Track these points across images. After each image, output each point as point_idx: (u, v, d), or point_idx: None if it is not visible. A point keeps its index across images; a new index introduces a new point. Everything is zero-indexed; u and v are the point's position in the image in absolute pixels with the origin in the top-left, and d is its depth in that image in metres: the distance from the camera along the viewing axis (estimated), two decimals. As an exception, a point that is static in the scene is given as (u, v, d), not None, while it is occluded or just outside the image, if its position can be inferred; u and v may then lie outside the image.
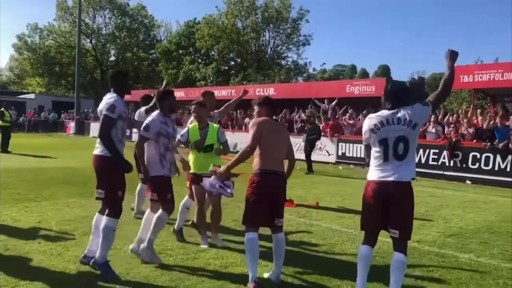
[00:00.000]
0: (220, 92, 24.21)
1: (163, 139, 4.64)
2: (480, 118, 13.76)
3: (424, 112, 3.59)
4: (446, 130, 14.15)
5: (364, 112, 16.59)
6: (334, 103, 18.21)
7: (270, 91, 21.72)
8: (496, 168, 12.24)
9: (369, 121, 3.67)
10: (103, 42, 47.10)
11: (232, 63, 43.03)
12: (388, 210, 3.50)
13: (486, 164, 12.43)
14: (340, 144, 16.20)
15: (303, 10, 38.98)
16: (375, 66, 71.00)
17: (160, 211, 4.61)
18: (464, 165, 12.84)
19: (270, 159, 4.09)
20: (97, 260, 4.15)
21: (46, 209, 6.90)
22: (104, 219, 4.20)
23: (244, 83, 32.99)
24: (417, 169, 12.35)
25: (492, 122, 13.00)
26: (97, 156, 4.25)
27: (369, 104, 16.75)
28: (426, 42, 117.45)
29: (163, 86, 7.09)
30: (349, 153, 15.93)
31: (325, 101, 18.53)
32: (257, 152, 4.12)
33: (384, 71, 67.48)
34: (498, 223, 7.08)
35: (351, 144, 15.86)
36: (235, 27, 39.27)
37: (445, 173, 13.20)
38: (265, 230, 4.25)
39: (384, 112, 3.62)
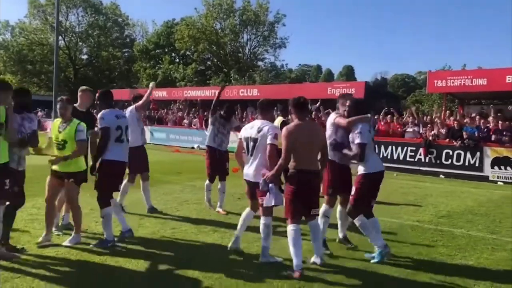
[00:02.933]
0: (204, 93, 25.12)
1: None
2: (452, 119, 15.33)
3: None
4: (421, 130, 15.64)
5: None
6: (318, 104, 19.44)
7: (254, 92, 22.81)
8: (467, 164, 13.77)
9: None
10: (76, 41, 46.81)
11: (208, 63, 43.83)
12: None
13: (458, 160, 13.94)
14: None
15: (279, 14, 40.43)
16: (339, 67, 73.24)
17: None
18: (438, 161, 14.30)
19: (304, 159, 4.57)
20: None
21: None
22: None
23: (226, 84, 33.94)
24: (396, 165, 13.91)
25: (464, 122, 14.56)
26: None
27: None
28: (389, 44, 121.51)
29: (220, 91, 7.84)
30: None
31: (309, 102, 19.74)
32: (292, 154, 4.55)
33: (349, 71, 69.57)
34: (477, 207, 8.49)
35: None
36: (214, 28, 40.20)
37: (421, 168, 14.62)
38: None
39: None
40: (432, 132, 14.99)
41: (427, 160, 14.50)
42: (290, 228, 4.54)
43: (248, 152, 4.96)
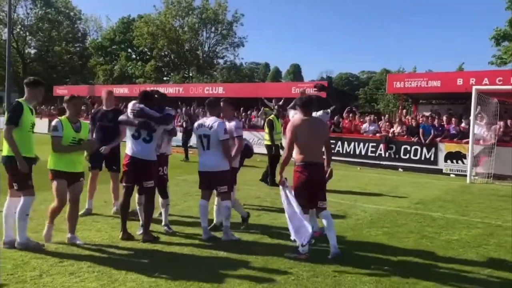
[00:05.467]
0: (167, 90, 25.32)
1: None
2: (409, 117, 16.78)
3: (325, 118, 5.82)
4: (382, 127, 16.97)
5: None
6: (281, 102, 20.35)
7: (219, 90, 23.40)
8: (423, 158, 15.20)
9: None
10: (25, 34, 45.02)
11: (166, 59, 43.72)
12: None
13: (415, 155, 15.35)
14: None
15: (238, 13, 41.14)
16: (287, 65, 75.06)
17: None
18: (397, 156, 15.64)
19: (309, 153, 4.99)
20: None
21: None
22: None
23: (186, 81, 34.38)
24: (358, 160, 15.11)
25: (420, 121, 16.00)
26: None
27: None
28: (334, 44, 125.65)
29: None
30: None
31: (273, 100, 20.63)
32: (297, 148, 5.03)
33: (296, 70, 71.65)
34: (444, 195, 9.71)
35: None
36: (173, 26, 40.25)
37: (381, 162, 15.89)
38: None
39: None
40: (391, 129, 16.36)
41: (387, 155, 15.79)
42: (302, 218, 4.83)
43: (203, 148, 5.60)
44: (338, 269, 4.55)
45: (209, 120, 5.67)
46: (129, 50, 46.35)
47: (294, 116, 5.68)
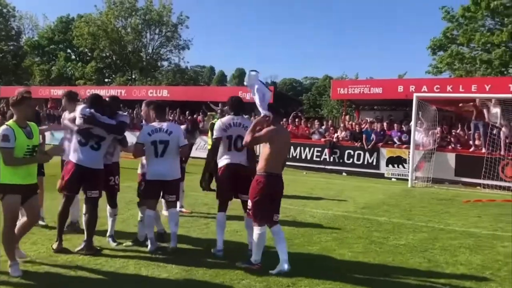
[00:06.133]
0: (109, 92, 24.38)
1: None
2: (353, 123, 17.18)
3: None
4: (326, 132, 17.24)
5: (255, 115, 18.95)
6: (227, 106, 20.18)
7: (164, 92, 22.86)
8: (366, 163, 15.59)
9: (222, 123, 5.35)
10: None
11: (108, 61, 42.24)
12: (235, 180, 5.23)
13: (358, 159, 15.72)
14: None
15: (183, 16, 40.48)
16: (232, 69, 75.08)
17: None
18: (341, 161, 15.95)
19: (276, 164, 4.73)
20: None
21: None
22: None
23: (129, 83, 33.30)
24: (304, 164, 15.31)
25: (364, 126, 16.42)
26: None
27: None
28: (279, 49, 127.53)
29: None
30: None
31: (220, 104, 20.41)
32: (263, 155, 4.68)
33: (241, 74, 71.85)
34: (388, 199, 9.93)
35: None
36: (115, 27, 38.97)
37: (326, 167, 16.16)
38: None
39: (231, 117, 5.41)
40: (335, 135, 16.66)
41: (331, 160, 16.06)
42: (258, 231, 4.62)
43: (156, 154, 5.23)
44: (291, 280, 4.41)
45: (166, 125, 5.37)
46: (69, 50, 44.30)
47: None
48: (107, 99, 5.51)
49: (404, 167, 14.58)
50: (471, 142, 14.16)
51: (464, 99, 14.42)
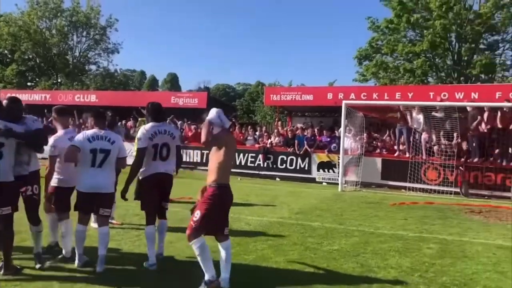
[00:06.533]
0: (32, 97, 22.99)
1: None
2: (287, 128, 17.46)
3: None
4: (260, 138, 17.37)
5: (188, 121, 18.71)
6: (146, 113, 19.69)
7: (92, 97, 21.89)
8: (298, 168, 15.88)
9: (146, 131, 5.06)
10: None
11: (31, 63, 39.64)
12: (160, 190, 5.21)
13: (291, 164, 15.98)
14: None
15: (112, 18, 39.14)
16: (164, 74, 73.80)
17: None
18: (274, 166, 16.15)
19: (226, 174, 4.40)
20: None
21: None
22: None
23: (54, 88, 31.38)
24: (239, 170, 15.29)
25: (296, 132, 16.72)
26: None
27: (192, 114, 19.04)
28: (212, 54, 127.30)
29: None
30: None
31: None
32: (215, 165, 4.32)
33: (173, 79, 70.94)
34: (320, 204, 10.13)
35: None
36: (39, 28, 36.73)
37: (260, 172, 16.27)
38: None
39: (153, 124, 5.15)
40: (269, 140, 16.83)
41: (265, 165, 16.20)
42: (199, 243, 4.26)
43: (94, 164, 4.86)
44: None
45: (106, 133, 5.03)
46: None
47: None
48: (4, 101, 4.82)
49: (334, 172, 15.03)
50: (396, 147, 14.89)
51: (390, 106, 15.18)
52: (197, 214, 4.29)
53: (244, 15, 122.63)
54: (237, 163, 16.29)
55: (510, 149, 12.87)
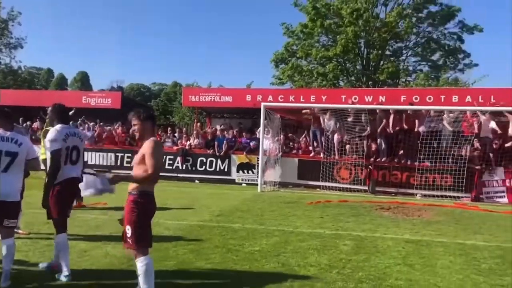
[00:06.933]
0: None
1: None
2: (207, 130, 17.36)
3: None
4: (179, 140, 17.08)
5: (101, 123, 17.89)
6: (72, 112, 18.62)
7: (-8, 96, 20.08)
8: (218, 169, 15.87)
9: (58, 132, 4.79)
10: None
11: None
12: (71, 196, 4.95)
13: (210, 166, 15.92)
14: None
15: (14, 11, 36.11)
16: (74, 72, 69.91)
17: None
18: (193, 168, 15.99)
19: (154, 181, 4.01)
20: None
21: None
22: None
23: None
24: None
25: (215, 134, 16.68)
26: None
27: (106, 115, 18.26)
28: (125, 53, 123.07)
29: None
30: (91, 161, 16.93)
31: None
32: (142, 171, 3.86)
33: (84, 77, 67.64)
34: (240, 205, 10.19)
35: (92, 153, 16.80)
36: None
37: (178, 175, 16.00)
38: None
39: (63, 126, 5.00)
40: (188, 142, 16.62)
41: (184, 168, 15.96)
42: (145, 261, 3.90)
43: None
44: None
45: (13, 134, 4.54)
46: None
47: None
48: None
49: (253, 173, 15.22)
50: (311, 148, 15.44)
51: (305, 108, 15.70)
52: (128, 229, 3.89)
53: (158, 14, 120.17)
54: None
55: (415, 149, 13.89)
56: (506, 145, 13.46)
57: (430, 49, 29.61)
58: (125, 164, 16.05)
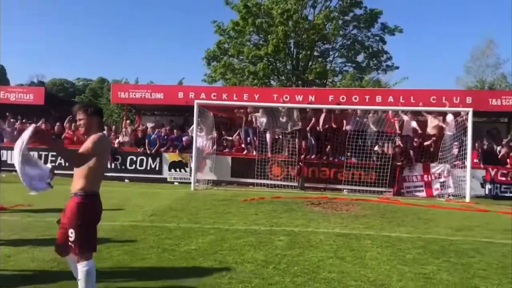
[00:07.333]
0: None
1: None
2: (139, 128, 16.91)
3: None
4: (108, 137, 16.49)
5: (23, 119, 16.83)
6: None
7: None
8: (149, 168, 15.52)
9: None
10: None
11: None
12: None
13: (141, 165, 15.55)
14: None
15: None
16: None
17: None
18: (123, 167, 15.52)
19: (98, 181, 3.89)
20: None
21: None
22: None
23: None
24: None
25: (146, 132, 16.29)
26: None
27: (27, 111, 17.21)
28: (48, 46, 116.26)
29: None
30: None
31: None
32: (89, 171, 3.75)
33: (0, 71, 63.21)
34: (174, 204, 10.06)
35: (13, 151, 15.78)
36: None
37: (107, 174, 15.39)
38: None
39: None
40: (117, 140, 16.11)
41: (112, 167, 15.44)
42: (87, 266, 3.71)
43: None
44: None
45: None
46: None
47: None
48: None
49: (186, 171, 15.09)
50: (243, 146, 15.59)
51: (238, 107, 15.83)
52: (72, 233, 3.68)
53: (82, 5, 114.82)
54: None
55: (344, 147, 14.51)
56: (425, 143, 14.49)
57: (355, 50, 31.00)
58: (49, 164, 15.19)
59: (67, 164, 15.53)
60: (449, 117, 14.16)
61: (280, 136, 15.04)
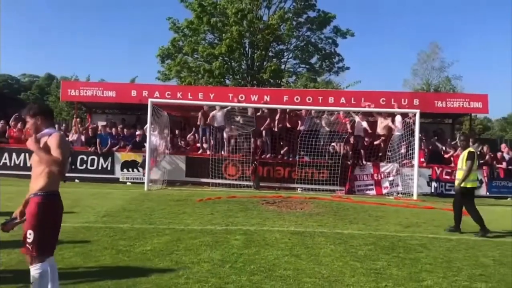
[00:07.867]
0: None
1: None
2: (90, 126, 16.42)
3: None
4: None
5: None
6: None
7: None
8: (100, 168, 15.12)
9: None
10: None
11: None
12: None
13: (92, 165, 15.12)
14: None
15: None
16: None
17: None
18: (73, 167, 15.01)
19: (59, 180, 3.82)
20: None
21: None
22: None
23: None
24: (28, 173, 13.84)
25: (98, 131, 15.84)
26: None
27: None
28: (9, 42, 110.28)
29: None
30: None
31: None
32: (44, 169, 3.68)
33: None
34: (128, 205, 9.86)
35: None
36: None
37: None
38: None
39: None
40: (67, 139, 15.58)
41: (62, 166, 14.89)
42: (41, 269, 3.61)
43: None
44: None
45: None
46: None
47: None
48: None
49: (138, 171, 14.82)
50: (199, 145, 15.52)
51: (192, 106, 15.74)
52: (30, 234, 3.59)
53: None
54: (28, 164, 14.60)
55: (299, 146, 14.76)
56: (375, 142, 15.00)
57: (308, 52, 31.50)
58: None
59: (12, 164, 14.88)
60: (398, 118, 14.75)
61: (235, 136, 15.08)
